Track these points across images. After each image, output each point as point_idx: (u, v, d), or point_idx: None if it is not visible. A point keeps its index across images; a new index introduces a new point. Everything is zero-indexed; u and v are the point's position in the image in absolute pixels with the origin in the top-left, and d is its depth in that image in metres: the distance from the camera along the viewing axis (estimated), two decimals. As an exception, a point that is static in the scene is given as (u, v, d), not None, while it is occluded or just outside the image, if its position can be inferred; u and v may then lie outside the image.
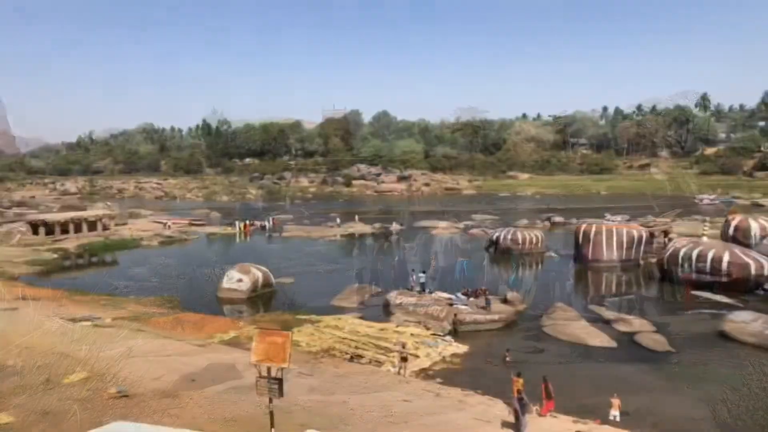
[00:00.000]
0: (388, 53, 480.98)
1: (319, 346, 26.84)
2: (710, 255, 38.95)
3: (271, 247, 62.80)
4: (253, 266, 39.64)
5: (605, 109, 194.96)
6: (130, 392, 17.35)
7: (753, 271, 37.69)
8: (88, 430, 10.20)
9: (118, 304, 34.44)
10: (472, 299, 33.55)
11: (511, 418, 18.00)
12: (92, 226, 65.53)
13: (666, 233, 53.29)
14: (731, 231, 45.10)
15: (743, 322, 28.92)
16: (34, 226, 62.41)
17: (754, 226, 43.88)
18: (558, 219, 77.15)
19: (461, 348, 27.37)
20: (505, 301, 34.12)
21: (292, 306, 34.93)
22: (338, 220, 78.58)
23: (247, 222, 75.63)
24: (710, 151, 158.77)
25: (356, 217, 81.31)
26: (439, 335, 29.19)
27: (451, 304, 32.37)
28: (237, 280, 38.25)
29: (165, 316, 31.61)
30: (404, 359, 20.58)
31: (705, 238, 43.56)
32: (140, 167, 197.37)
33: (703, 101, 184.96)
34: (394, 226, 75.21)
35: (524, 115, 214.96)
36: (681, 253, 40.42)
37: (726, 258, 38.35)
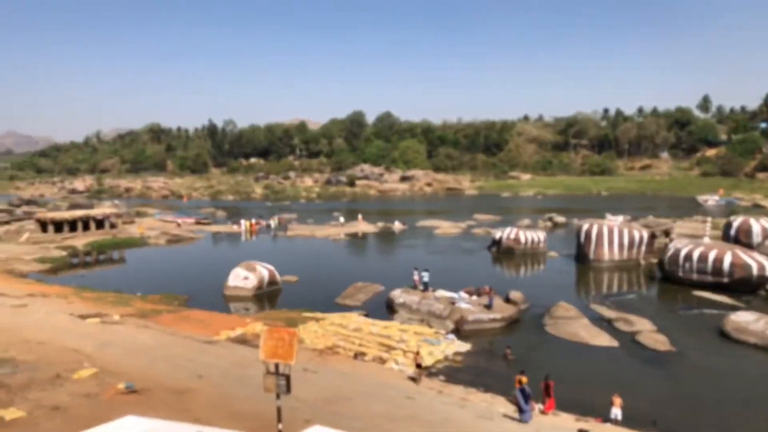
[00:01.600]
0: (392, 55, 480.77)
1: (324, 344, 27.15)
2: (712, 255, 39.15)
3: (276, 245, 63.18)
4: (259, 264, 40.01)
5: (606, 110, 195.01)
6: (138, 388, 17.70)
7: (755, 272, 37.87)
8: (97, 425, 10.51)
9: (126, 302, 34.81)
10: (474, 298, 33.85)
11: (515, 415, 18.34)
12: (100, 224, 66.03)
13: (667, 233, 53.45)
14: (733, 232, 45.28)
15: (745, 322, 29.10)
16: (43, 224, 62.91)
17: (756, 226, 44.06)
18: (560, 219, 77.39)
19: (464, 346, 27.67)
20: (507, 300, 34.45)
21: (297, 304, 35.25)
22: (342, 219, 78.97)
23: (253, 221, 76.07)
24: (711, 152, 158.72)
25: (360, 216, 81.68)
26: (442, 333, 29.51)
27: (453, 303, 32.65)
28: (243, 277, 38.63)
29: (172, 314, 31.97)
30: (419, 366, 20.92)
31: (707, 239, 43.80)
32: (147, 166, 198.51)
33: (705, 102, 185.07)
34: (397, 225, 75.58)
35: (526, 117, 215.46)
36: (682, 254, 40.63)
37: (728, 259, 38.55)
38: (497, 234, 56.61)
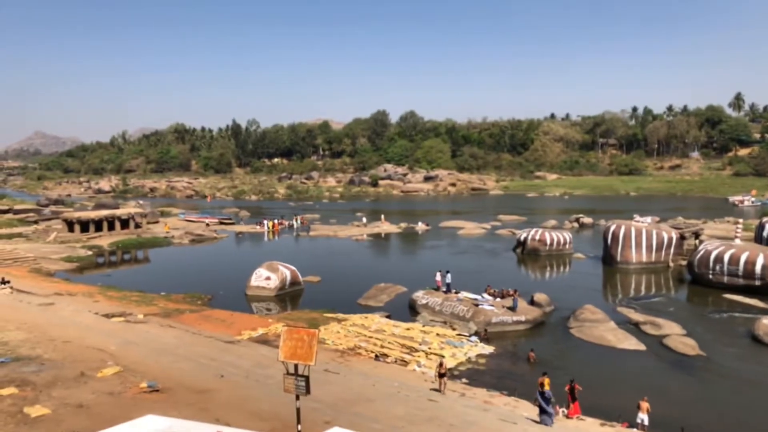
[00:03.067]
0: (416, 54, 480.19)
1: (345, 345, 27.05)
2: (743, 257, 38.12)
3: (298, 245, 63.40)
4: (281, 264, 40.12)
5: (635, 109, 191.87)
6: (160, 387, 17.76)
7: (788, 275, 36.78)
8: (119, 423, 10.51)
9: (150, 301, 35.18)
10: (498, 300, 33.41)
11: (538, 418, 17.99)
12: (125, 223, 67.03)
13: (697, 235, 52.25)
14: (766, 233, 44.06)
15: (777, 326, 28.25)
16: (70, 224, 64.08)
17: (790, 228, 42.83)
18: (586, 220, 76.18)
19: (487, 349, 27.33)
20: (532, 302, 33.94)
21: (319, 304, 35.23)
22: (364, 220, 78.95)
23: (276, 221, 76.48)
24: (744, 151, 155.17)
25: (382, 216, 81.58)
26: (465, 336, 29.19)
27: (476, 305, 32.28)
28: (265, 278, 38.77)
29: (194, 313, 32.20)
30: (442, 375, 20.64)
31: (738, 241, 42.66)
32: (172, 166, 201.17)
33: (737, 101, 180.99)
34: (420, 226, 75.29)
35: (553, 115, 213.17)
36: (712, 256, 39.64)
37: (760, 261, 37.48)
38: (522, 235, 55.97)
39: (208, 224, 77.00)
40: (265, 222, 75.25)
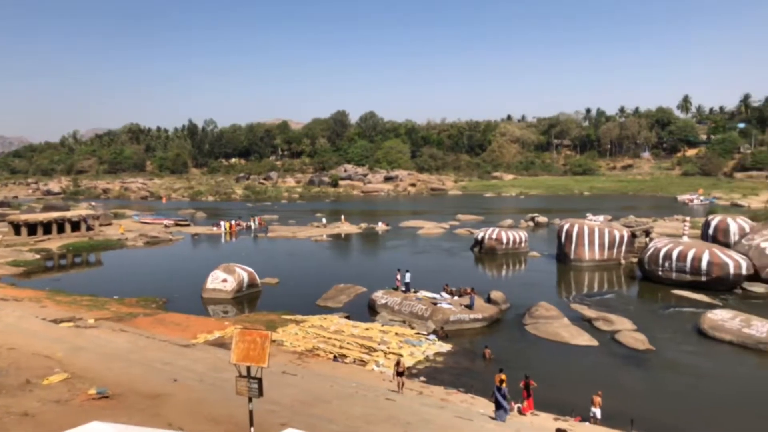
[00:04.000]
0: (376, 55, 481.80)
1: (304, 346, 26.90)
2: (690, 254, 39.51)
3: (256, 247, 62.65)
4: (238, 266, 39.56)
5: (588, 110, 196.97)
6: (110, 393, 17.28)
7: (732, 271, 38.30)
8: (65, 431, 10.17)
9: (101, 305, 34.18)
10: (456, 298, 33.76)
11: (494, 414, 18.24)
12: (76, 226, 64.96)
13: (647, 233, 53.88)
14: (711, 231, 45.75)
15: (721, 320, 29.36)
16: (16, 227, 61.69)
17: (733, 225, 44.56)
18: (541, 219, 77.82)
19: (445, 347, 27.58)
20: (488, 300, 34.43)
21: (277, 306, 34.89)
22: (324, 220, 78.60)
23: (233, 222, 75.41)
24: (692, 152, 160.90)
25: (342, 217, 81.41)
26: (423, 334, 29.38)
27: (435, 304, 32.52)
28: (222, 280, 38.18)
29: (149, 317, 31.47)
30: (400, 375, 20.68)
31: (685, 238, 44.16)
32: (125, 167, 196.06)
33: (685, 103, 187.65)
34: (380, 226, 75.45)
35: (509, 117, 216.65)
36: (662, 253, 40.96)
37: (706, 257, 38.92)
38: (479, 234, 56.70)
39: (167, 226, 75.41)
40: (222, 223, 74.07)
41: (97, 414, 15.00)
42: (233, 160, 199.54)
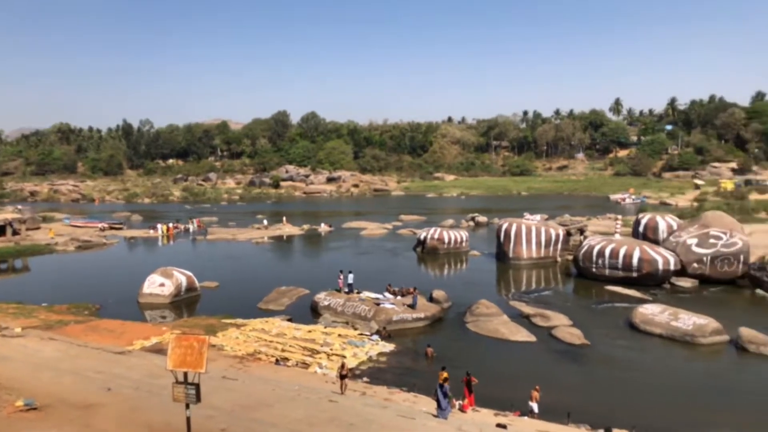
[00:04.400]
0: (317, 55, 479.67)
1: (245, 350, 26.46)
2: (622, 251, 41.21)
3: (195, 250, 61.14)
4: (176, 270, 38.51)
5: (525, 113, 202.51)
6: (38, 404, 16.47)
7: (661, 267, 40.21)
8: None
9: (29, 313, 32.52)
10: (399, 298, 33.99)
11: (436, 412, 18.45)
12: (1, 230, 61.58)
13: (582, 231, 55.80)
14: (641, 229, 47.83)
15: (651, 314, 30.78)
16: (-67, 232, 57.92)
17: (662, 223, 46.72)
18: (481, 218, 79.41)
19: (388, 347, 27.71)
20: (431, 299, 34.83)
21: (217, 310, 34.16)
22: (265, 222, 77.50)
23: (171, 225, 73.32)
24: (623, 153, 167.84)
25: (284, 218, 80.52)
26: (366, 335, 29.43)
27: (378, 304, 32.64)
28: (159, 284, 37.07)
29: (80, 324, 30.17)
30: (344, 377, 20.59)
31: (617, 236, 46.01)
32: (55, 168, 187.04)
33: (617, 106, 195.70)
34: (323, 227, 75.10)
35: (450, 119, 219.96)
36: (595, 250, 42.55)
37: (636, 254, 40.69)
38: (422, 234, 57.30)
39: (102, 229, 72.51)
40: (159, 226, 71.86)
41: (24, 426, 14.31)
42: (171, 161, 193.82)
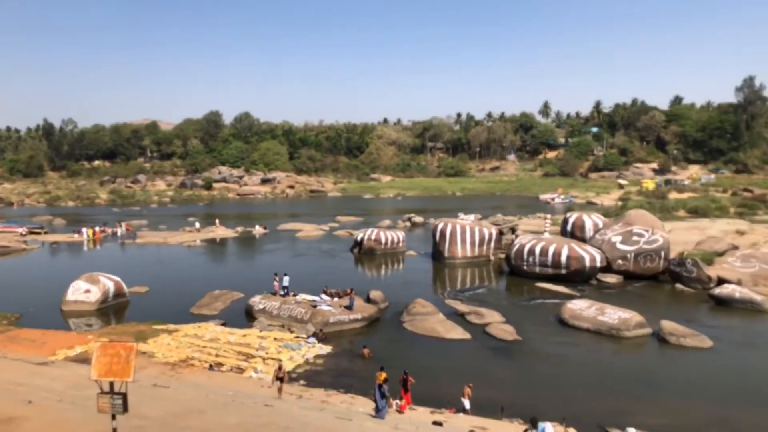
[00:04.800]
0: (251, 55, 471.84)
1: (177, 357, 25.72)
2: (551, 249, 42.65)
3: (124, 254, 58.87)
4: (103, 275, 36.91)
5: (459, 115, 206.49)
6: (-49, 422, 15.43)
7: (587, 263, 41.88)
8: None
9: (-62, 325, 30.42)
10: (336, 299, 33.90)
11: (374, 412, 18.53)
12: None
13: (513, 230, 57.36)
14: (569, 227, 49.65)
15: (579, 309, 31.97)
16: None
17: (588, 222, 48.62)
18: (418, 219, 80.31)
19: (324, 349, 27.59)
20: (368, 300, 34.92)
21: (147, 316, 33.00)
22: (198, 225, 75.50)
23: (98, 228, 70.26)
24: (552, 154, 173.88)
25: (217, 220, 78.73)
26: (303, 338, 29.19)
27: (315, 306, 32.43)
28: (84, 291, 35.43)
29: (-3, 335, 28.47)
30: (280, 379, 20.32)
31: (547, 234, 47.59)
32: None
33: (545, 108, 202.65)
34: (258, 230, 73.95)
35: (385, 120, 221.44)
36: (526, 249, 43.84)
37: (565, 252, 42.21)
38: (359, 235, 57.38)
39: (22, 234, 68.59)
40: (85, 230, 68.67)
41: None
42: (96, 162, 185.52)
